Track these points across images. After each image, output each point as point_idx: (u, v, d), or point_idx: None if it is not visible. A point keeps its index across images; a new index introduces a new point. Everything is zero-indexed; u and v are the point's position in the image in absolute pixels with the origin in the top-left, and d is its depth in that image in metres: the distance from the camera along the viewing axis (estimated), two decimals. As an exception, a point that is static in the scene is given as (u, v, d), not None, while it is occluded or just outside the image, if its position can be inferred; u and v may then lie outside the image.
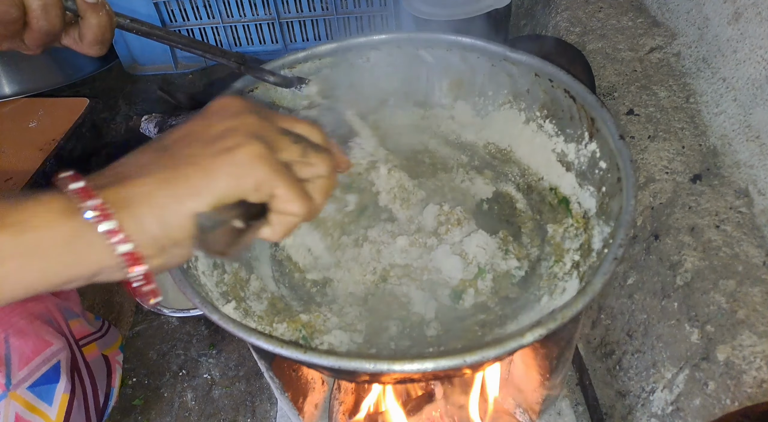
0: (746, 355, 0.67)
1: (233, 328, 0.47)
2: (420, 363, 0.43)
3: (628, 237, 0.51)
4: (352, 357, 0.44)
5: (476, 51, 0.79)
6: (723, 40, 0.91)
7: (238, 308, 0.57)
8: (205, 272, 0.59)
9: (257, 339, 0.46)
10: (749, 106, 0.83)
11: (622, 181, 0.58)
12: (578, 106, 0.68)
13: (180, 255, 0.39)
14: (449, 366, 0.43)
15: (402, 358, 0.43)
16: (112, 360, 0.97)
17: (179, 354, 1.06)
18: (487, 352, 0.43)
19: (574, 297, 0.47)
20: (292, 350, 0.44)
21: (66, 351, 0.85)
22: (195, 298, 0.50)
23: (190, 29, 1.69)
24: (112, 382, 0.95)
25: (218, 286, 0.60)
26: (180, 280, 0.51)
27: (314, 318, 0.60)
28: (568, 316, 0.45)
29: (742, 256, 0.76)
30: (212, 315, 0.48)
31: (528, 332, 0.44)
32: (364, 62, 0.84)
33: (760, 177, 0.79)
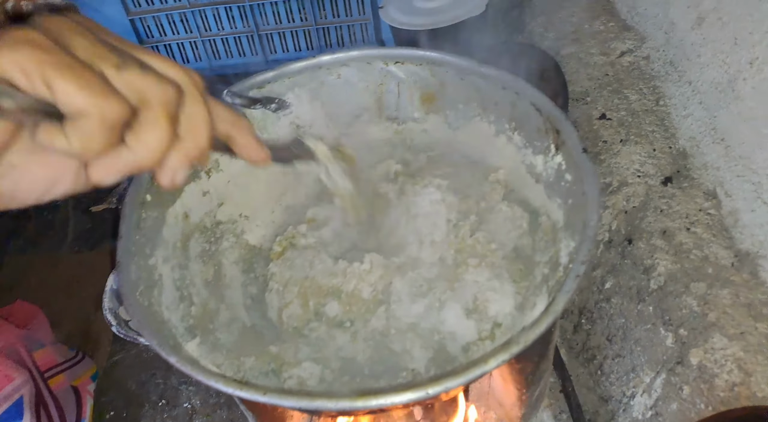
0: (718, 359, 0.68)
1: (191, 371, 0.47)
2: (384, 398, 0.44)
3: (591, 253, 0.52)
4: (314, 397, 0.44)
5: (445, 65, 0.79)
6: (688, 44, 0.92)
7: (204, 342, 0.57)
8: (169, 306, 0.59)
9: (215, 382, 0.46)
10: (714, 109, 0.84)
11: (587, 194, 0.58)
12: (544, 119, 0.69)
13: None
14: (412, 399, 0.43)
15: (365, 394, 0.43)
16: (82, 391, 0.95)
17: (159, 383, 1.05)
18: (449, 382, 0.43)
19: (536, 318, 0.48)
20: (251, 392, 0.44)
21: (29, 384, 0.83)
22: (153, 340, 0.49)
23: (167, 44, 1.69)
24: (82, 413, 0.93)
25: (184, 320, 0.59)
26: (139, 320, 0.51)
27: (284, 350, 0.60)
28: (531, 339, 0.46)
29: (711, 258, 0.77)
30: (170, 357, 0.48)
31: (491, 358, 0.45)
32: (335, 79, 0.85)
33: (727, 179, 0.80)
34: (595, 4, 1.28)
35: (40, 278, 1.24)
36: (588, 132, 1.04)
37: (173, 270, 0.65)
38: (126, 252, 0.58)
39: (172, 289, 0.63)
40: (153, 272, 0.62)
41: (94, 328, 1.15)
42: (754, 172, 0.74)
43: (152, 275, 0.62)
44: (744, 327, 0.69)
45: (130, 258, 0.59)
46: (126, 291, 0.56)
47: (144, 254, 0.62)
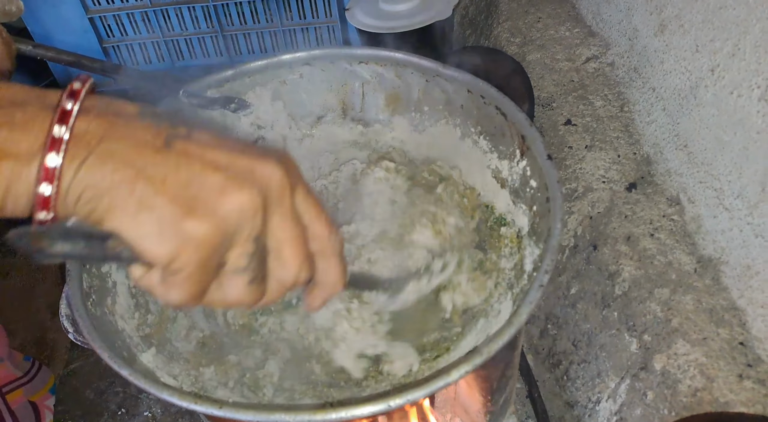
0: (681, 364, 0.68)
1: (144, 384, 0.45)
2: (345, 410, 0.42)
3: (554, 262, 0.51)
4: (272, 410, 0.42)
5: (410, 66, 0.78)
6: (651, 50, 0.93)
7: (161, 352, 0.55)
8: (124, 316, 0.56)
9: (169, 395, 0.44)
10: (677, 116, 0.85)
11: (551, 201, 0.58)
12: (509, 124, 0.68)
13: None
14: (374, 412, 0.42)
15: (323, 408, 0.42)
16: (41, 406, 0.92)
17: (118, 392, 1.02)
18: (412, 395, 0.42)
19: (499, 329, 0.46)
20: (207, 406, 0.42)
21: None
22: (104, 352, 0.47)
23: (129, 44, 1.65)
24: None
25: (139, 329, 0.57)
26: (89, 331, 0.49)
27: (244, 358, 0.58)
28: (494, 349, 0.45)
29: (675, 264, 0.78)
30: (122, 369, 0.46)
31: (454, 370, 0.44)
32: (298, 78, 0.83)
33: (689, 185, 0.81)
34: (560, 9, 1.29)
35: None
36: (554, 138, 1.04)
37: (128, 278, 0.63)
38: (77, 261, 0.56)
39: (128, 297, 0.61)
40: (106, 280, 0.60)
41: (50, 336, 1.11)
42: (716, 178, 0.74)
43: (105, 283, 0.59)
44: (706, 332, 0.69)
45: (81, 266, 0.56)
46: (76, 302, 0.53)
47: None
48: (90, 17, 1.56)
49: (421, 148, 0.84)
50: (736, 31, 0.71)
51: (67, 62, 0.62)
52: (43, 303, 1.16)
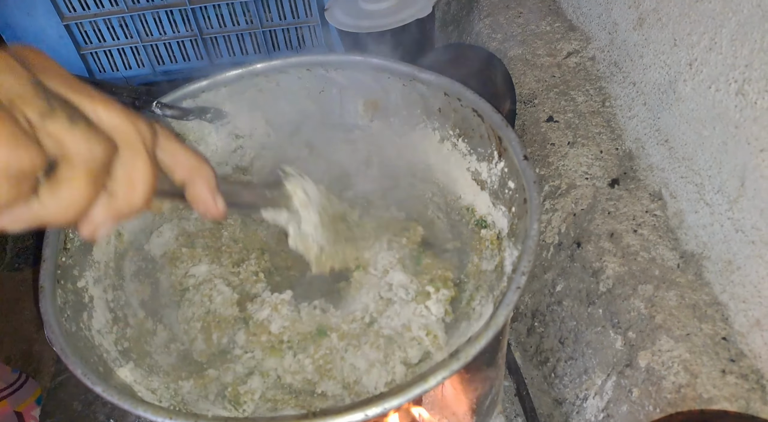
0: (665, 361, 0.68)
1: (117, 401, 0.44)
2: (325, 420, 0.42)
3: (532, 264, 0.51)
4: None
5: (386, 71, 0.78)
6: (630, 44, 0.93)
7: (140, 366, 0.54)
8: (101, 330, 0.56)
9: (143, 411, 0.43)
10: (657, 110, 0.84)
11: (528, 202, 0.58)
12: (486, 125, 0.68)
13: None
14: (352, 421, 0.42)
15: (303, 418, 0.41)
16: (26, 417, 0.91)
17: (106, 403, 1.01)
18: (388, 403, 0.42)
19: (477, 333, 0.46)
20: (182, 420, 0.42)
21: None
22: (77, 368, 0.47)
23: (107, 50, 1.63)
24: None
25: (118, 343, 0.56)
26: (62, 348, 0.48)
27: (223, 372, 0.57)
28: (471, 354, 0.45)
29: (658, 260, 0.78)
30: (95, 386, 0.46)
31: (431, 376, 0.43)
32: (274, 86, 0.82)
33: (671, 180, 0.81)
34: (540, 4, 1.28)
35: (-25, 299, 1.19)
36: (536, 135, 1.03)
37: (106, 292, 0.62)
38: (49, 276, 0.55)
39: (105, 311, 0.60)
40: (82, 295, 0.59)
41: (36, 348, 1.10)
42: (697, 173, 0.74)
43: (81, 298, 0.59)
44: (690, 328, 0.69)
45: (54, 282, 0.56)
46: (49, 318, 0.53)
47: (71, 276, 0.59)
48: (66, 24, 1.54)
49: (401, 152, 0.83)
50: (713, 25, 0.71)
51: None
52: (29, 316, 1.15)
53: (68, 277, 0.57)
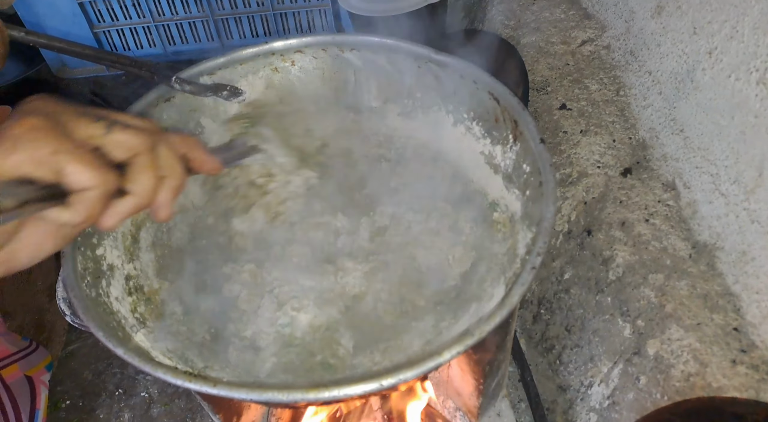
0: (674, 349, 0.68)
1: (138, 363, 0.45)
2: (337, 389, 0.42)
3: (547, 245, 0.50)
4: (265, 389, 0.42)
5: (402, 52, 0.77)
6: (648, 33, 0.92)
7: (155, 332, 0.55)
8: (118, 297, 0.56)
9: (164, 374, 0.43)
10: (673, 100, 0.84)
11: (543, 185, 0.57)
12: (502, 109, 0.67)
13: None
14: (366, 390, 0.42)
15: (317, 386, 0.41)
16: (36, 381, 0.92)
17: (115, 373, 1.02)
18: (404, 374, 0.42)
19: (491, 311, 0.46)
20: (200, 384, 0.42)
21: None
22: (99, 331, 0.47)
23: (119, 29, 1.62)
24: (36, 404, 0.90)
25: (134, 311, 0.57)
26: (84, 312, 0.49)
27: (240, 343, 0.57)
28: (485, 331, 0.45)
29: (669, 249, 0.77)
30: (117, 349, 0.46)
31: (445, 350, 0.43)
32: (289, 66, 0.82)
33: (685, 170, 0.80)
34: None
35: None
36: (548, 122, 1.03)
37: (123, 261, 0.62)
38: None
39: (122, 280, 0.61)
40: (101, 262, 0.60)
41: (48, 318, 1.10)
42: (712, 164, 0.74)
43: (100, 266, 0.59)
44: (700, 318, 0.69)
45: (75, 248, 0.56)
46: (71, 283, 0.53)
47: (90, 244, 0.59)
48: (80, 2, 1.53)
49: (414, 135, 0.83)
50: (735, 13, 0.70)
51: (58, 49, 0.61)
52: (41, 286, 1.16)
53: (87, 245, 0.57)
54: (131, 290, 0.60)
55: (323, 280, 0.66)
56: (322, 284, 0.66)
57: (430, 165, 0.80)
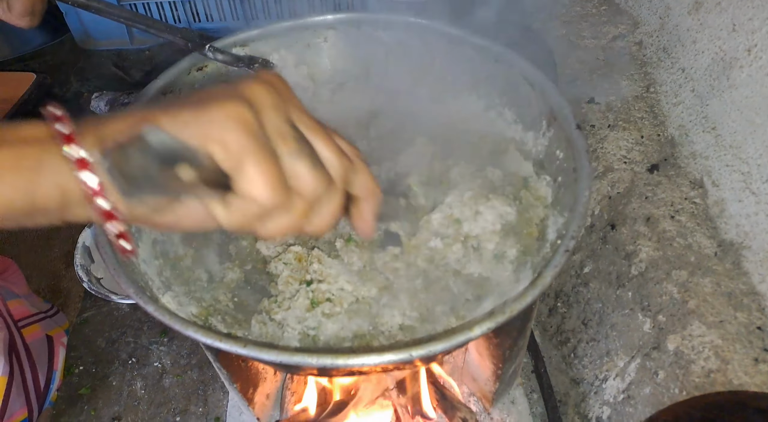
0: (695, 345, 0.68)
1: (169, 320, 0.45)
2: (366, 357, 0.42)
3: (581, 229, 0.50)
4: (295, 352, 0.42)
5: (435, 33, 0.77)
6: (683, 29, 0.91)
7: (181, 295, 0.55)
8: (146, 260, 0.56)
9: (194, 332, 0.43)
10: (706, 97, 0.83)
11: (578, 171, 0.57)
12: (536, 94, 0.67)
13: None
14: (395, 360, 0.42)
15: (346, 353, 0.41)
16: (56, 341, 0.93)
17: (129, 342, 1.03)
18: (434, 346, 0.42)
19: (523, 290, 0.46)
20: (231, 344, 0.42)
21: (3, 332, 0.81)
22: (130, 288, 0.47)
23: (146, 4, 1.62)
24: (54, 365, 0.91)
25: (160, 274, 0.57)
26: (115, 269, 0.49)
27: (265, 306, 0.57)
28: (517, 309, 0.44)
29: (695, 247, 0.77)
30: (147, 306, 0.46)
31: (476, 325, 0.43)
32: (322, 42, 0.82)
33: (715, 168, 0.80)
34: (588, -14, 1.26)
35: (7, 232, 1.20)
36: (576, 115, 1.02)
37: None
38: None
39: (149, 243, 0.61)
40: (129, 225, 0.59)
41: (64, 285, 1.11)
42: (744, 162, 0.73)
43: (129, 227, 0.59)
44: (724, 315, 0.68)
45: None
46: (102, 241, 0.53)
47: None
48: (109, -27, 1.53)
49: (443, 119, 0.82)
50: (777, 10, 0.69)
51: (96, 9, 0.61)
52: (59, 252, 1.17)
53: (116, 206, 0.57)
54: (158, 254, 0.60)
55: (362, 288, 0.64)
56: (360, 291, 0.64)
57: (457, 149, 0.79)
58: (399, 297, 0.60)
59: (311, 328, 0.59)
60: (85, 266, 1.02)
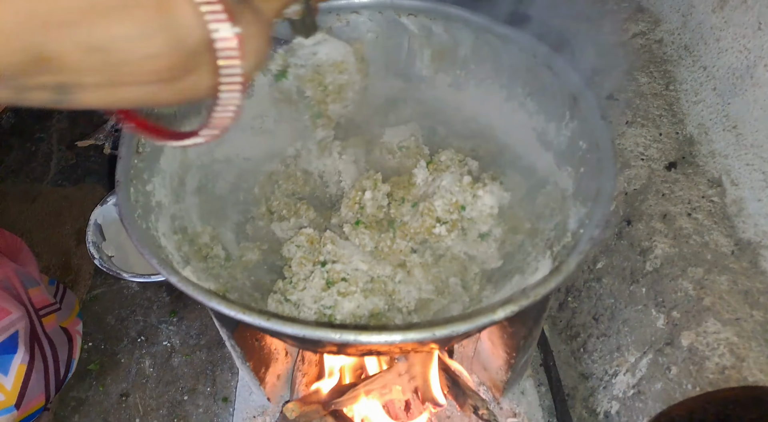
0: (710, 342, 0.68)
1: (193, 292, 0.44)
2: (388, 335, 0.42)
3: (606, 217, 0.50)
4: (318, 327, 0.42)
5: (460, 21, 0.76)
6: (706, 27, 0.90)
7: (198, 270, 0.55)
8: (165, 233, 0.56)
9: (218, 304, 0.43)
10: (728, 96, 0.82)
11: (602, 161, 0.57)
12: (561, 84, 0.67)
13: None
14: (418, 339, 0.41)
15: (369, 330, 0.41)
16: (72, 331, 0.93)
17: (138, 321, 1.03)
18: (457, 327, 0.42)
19: (547, 275, 0.46)
20: (255, 316, 0.42)
21: (25, 320, 0.81)
22: (153, 259, 0.47)
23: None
24: (73, 353, 0.92)
25: (179, 249, 0.57)
26: (138, 239, 0.49)
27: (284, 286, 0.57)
28: (541, 293, 0.44)
29: (711, 245, 0.76)
30: (171, 276, 0.46)
31: (500, 308, 0.43)
32: (344, 26, 0.81)
33: (735, 167, 0.79)
34: (610, -17, 1.25)
35: (19, 209, 1.21)
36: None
37: (170, 201, 0.63)
38: (125, 172, 0.56)
39: (168, 218, 0.61)
40: (150, 198, 0.60)
41: (75, 262, 1.12)
42: (766, 161, 0.73)
43: (149, 201, 0.59)
44: (740, 313, 0.68)
45: (129, 179, 0.56)
46: (126, 211, 0.53)
47: (142, 179, 0.59)
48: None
49: (463, 108, 0.82)
50: (805, 10, 0.69)
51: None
52: (69, 230, 1.17)
53: (139, 179, 0.57)
54: (176, 229, 0.60)
55: (377, 267, 0.64)
56: (375, 270, 0.64)
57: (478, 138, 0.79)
58: (413, 273, 0.60)
59: (327, 307, 0.59)
60: (97, 243, 1.03)
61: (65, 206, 1.19)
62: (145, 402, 0.93)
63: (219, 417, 0.91)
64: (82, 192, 1.22)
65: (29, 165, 1.31)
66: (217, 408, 0.92)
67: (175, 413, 0.92)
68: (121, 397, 0.94)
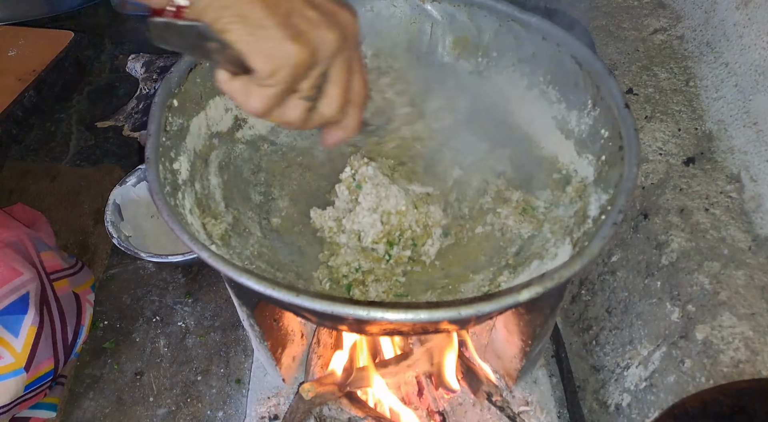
0: (725, 336, 0.68)
1: (223, 266, 0.45)
2: (415, 312, 0.42)
3: (629, 203, 0.50)
4: (346, 303, 0.42)
5: (484, 9, 0.76)
6: (729, 24, 0.90)
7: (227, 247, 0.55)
8: (192, 211, 0.57)
9: (248, 279, 0.44)
10: (750, 93, 0.82)
11: (624, 149, 0.57)
12: (584, 73, 0.67)
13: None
14: (444, 317, 0.42)
15: (396, 307, 0.42)
16: (82, 299, 0.94)
17: (154, 301, 1.04)
18: (483, 306, 0.42)
19: (571, 259, 0.46)
20: (284, 292, 0.43)
21: (36, 282, 0.82)
22: (184, 234, 0.48)
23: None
24: (81, 320, 0.92)
25: (204, 229, 0.58)
26: (168, 215, 0.49)
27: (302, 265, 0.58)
28: (565, 276, 0.45)
29: (728, 240, 0.76)
30: (202, 252, 0.46)
31: (524, 289, 0.43)
32: (367, 11, 0.82)
33: (754, 163, 0.79)
34: (631, -22, 1.25)
35: (38, 187, 1.22)
36: (613, 104, 1.02)
37: (195, 179, 0.63)
38: (154, 149, 0.56)
39: (193, 197, 0.62)
40: (177, 176, 0.61)
41: (92, 241, 1.13)
42: (786, 156, 0.73)
43: (176, 179, 0.60)
44: (756, 308, 0.68)
45: (158, 157, 0.57)
46: (155, 188, 0.54)
47: (169, 157, 0.60)
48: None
49: (483, 95, 0.83)
50: (831, 6, 0.68)
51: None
52: (87, 209, 1.18)
53: (167, 157, 0.58)
54: (202, 208, 0.61)
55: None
56: (381, 264, 0.65)
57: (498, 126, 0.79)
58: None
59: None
60: (115, 223, 1.04)
61: (83, 186, 1.20)
62: (158, 381, 0.94)
63: (232, 398, 0.92)
64: (100, 172, 1.24)
65: (49, 144, 1.32)
66: (230, 389, 0.93)
67: (189, 393, 0.93)
68: (135, 376, 0.95)
